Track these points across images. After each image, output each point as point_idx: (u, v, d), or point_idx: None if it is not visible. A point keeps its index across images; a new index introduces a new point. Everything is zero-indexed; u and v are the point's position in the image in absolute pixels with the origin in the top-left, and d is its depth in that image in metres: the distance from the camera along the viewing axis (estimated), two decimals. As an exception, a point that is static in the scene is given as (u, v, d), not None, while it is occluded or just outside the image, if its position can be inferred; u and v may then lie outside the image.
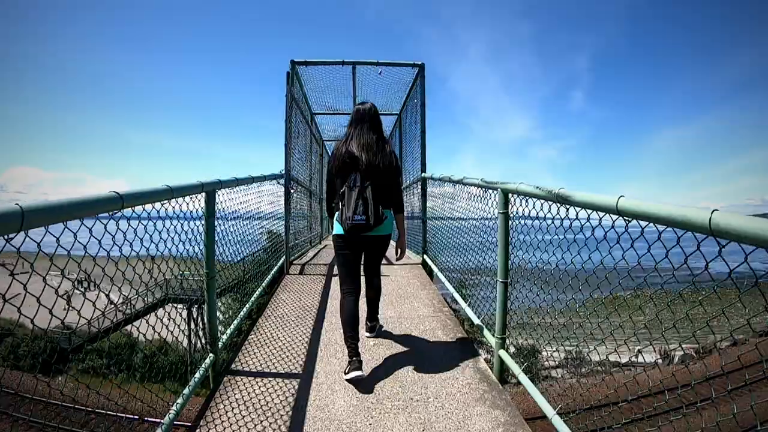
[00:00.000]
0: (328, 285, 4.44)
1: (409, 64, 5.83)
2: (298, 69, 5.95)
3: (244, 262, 3.65)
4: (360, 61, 5.85)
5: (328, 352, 2.85)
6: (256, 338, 3.06)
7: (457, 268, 4.11)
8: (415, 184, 6.44)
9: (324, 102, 7.99)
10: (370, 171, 2.63)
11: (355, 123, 2.77)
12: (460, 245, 4.01)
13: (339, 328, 3.22)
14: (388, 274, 4.94)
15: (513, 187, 2.38)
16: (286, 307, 3.75)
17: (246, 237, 3.63)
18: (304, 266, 5.40)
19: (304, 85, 6.72)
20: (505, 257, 2.56)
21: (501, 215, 2.56)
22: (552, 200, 1.96)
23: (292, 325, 3.33)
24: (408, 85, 6.60)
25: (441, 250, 4.86)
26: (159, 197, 1.87)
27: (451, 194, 4.19)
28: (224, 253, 3.04)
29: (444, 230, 4.70)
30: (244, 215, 3.55)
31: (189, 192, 2.23)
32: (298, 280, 4.63)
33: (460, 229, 3.97)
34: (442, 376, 2.55)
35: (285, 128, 4.88)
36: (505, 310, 2.60)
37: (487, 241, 3.20)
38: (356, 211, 2.55)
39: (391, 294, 4.15)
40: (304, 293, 4.15)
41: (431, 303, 3.90)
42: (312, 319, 3.46)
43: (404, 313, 3.63)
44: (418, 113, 5.84)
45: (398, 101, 7.67)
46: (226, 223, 3.11)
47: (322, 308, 3.71)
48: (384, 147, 2.73)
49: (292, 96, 5.26)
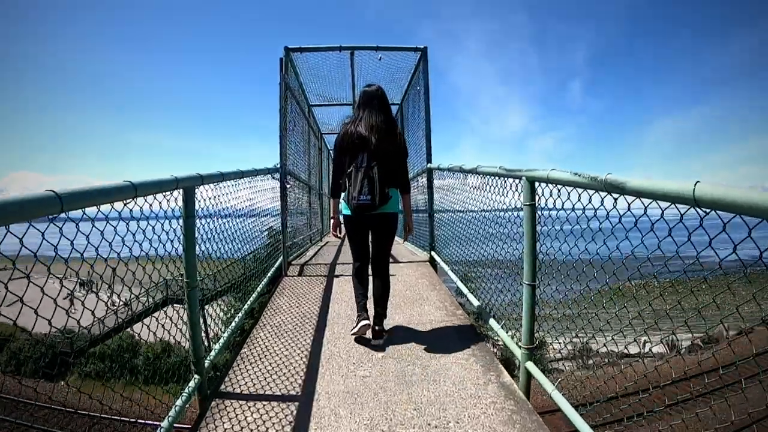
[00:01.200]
0: (329, 287, 4.10)
1: (411, 49, 5.46)
2: (292, 56, 5.58)
3: (231, 270, 3.33)
4: (358, 46, 5.47)
5: (331, 368, 2.51)
6: (249, 352, 2.73)
7: (469, 261, 3.78)
8: (419, 176, 6.08)
9: (322, 93, 7.63)
10: (379, 152, 2.69)
11: (363, 105, 2.82)
12: (469, 236, 3.67)
13: (342, 337, 2.91)
14: (394, 273, 4.57)
15: (542, 174, 2.02)
16: (284, 314, 3.41)
17: (238, 239, 3.30)
18: (303, 267, 5.05)
19: (300, 74, 6.35)
20: (532, 256, 2.21)
21: (526, 208, 2.21)
22: (597, 189, 1.61)
23: (289, 335, 2.99)
24: (410, 72, 6.23)
25: (450, 243, 4.50)
26: (115, 197, 1.52)
27: (462, 184, 3.82)
28: (211, 257, 2.72)
29: (454, 223, 4.35)
30: (233, 214, 3.20)
31: (159, 189, 1.88)
32: (297, 283, 4.29)
33: (472, 221, 3.62)
34: (462, 395, 2.21)
35: (279, 119, 4.52)
36: (532, 317, 2.26)
37: (499, 232, 2.87)
38: (362, 191, 2.63)
39: (398, 296, 3.81)
40: (304, 297, 3.82)
41: (443, 306, 3.55)
42: (312, 327, 3.13)
43: (414, 318, 3.28)
44: (422, 101, 5.47)
45: (399, 90, 7.29)
46: (212, 222, 2.78)
47: (323, 315, 3.38)
48: (393, 128, 2.81)
49: (286, 84, 4.90)
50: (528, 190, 2.20)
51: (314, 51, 5.46)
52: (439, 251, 5.01)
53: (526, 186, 2.21)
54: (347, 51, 5.52)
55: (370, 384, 2.32)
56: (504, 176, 2.58)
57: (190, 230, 2.22)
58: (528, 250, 2.21)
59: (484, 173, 2.95)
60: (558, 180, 1.87)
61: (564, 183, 1.84)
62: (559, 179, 1.86)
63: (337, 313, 3.37)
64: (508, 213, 2.80)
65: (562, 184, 1.87)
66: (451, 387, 2.28)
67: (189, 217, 2.21)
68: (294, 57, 5.65)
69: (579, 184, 1.70)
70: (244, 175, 3.10)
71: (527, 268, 2.23)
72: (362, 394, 2.22)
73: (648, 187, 1.35)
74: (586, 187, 1.66)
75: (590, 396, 2.30)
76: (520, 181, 2.33)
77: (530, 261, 2.21)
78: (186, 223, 2.20)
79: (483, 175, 3.03)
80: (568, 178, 1.76)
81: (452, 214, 4.37)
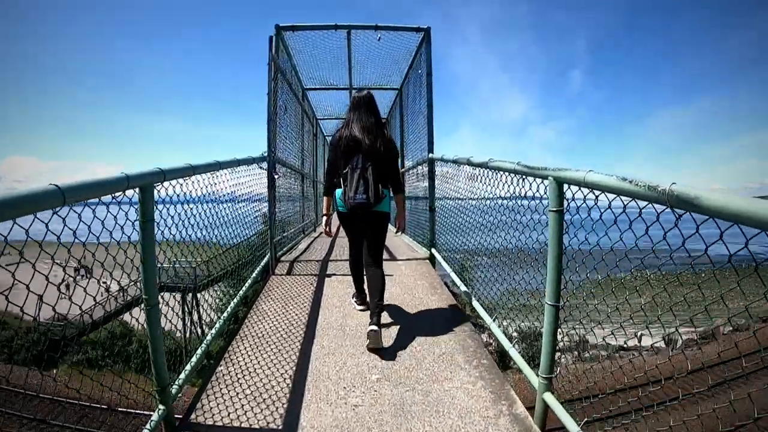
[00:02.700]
0: (320, 289, 3.75)
1: (412, 29, 5.02)
2: (284, 36, 5.14)
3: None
4: (355, 24, 5.02)
5: (318, 393, 2.17)
6: (226, 371, 2.39)
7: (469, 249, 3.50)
8: (419, 166, 5.69)
9: (317, 76, 7.18)
10: (371, 153, 2.82)
11: (354, 109, 2.95)
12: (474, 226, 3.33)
13: (332, 353, 2.59)
14: (391, 273, 4.24)
15: (575, 176, 1.66)
16: (268, 321, 3.07)
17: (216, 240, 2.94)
18: (293, 264, 4.68)
19: (293, 56, 5.91)
20: (556, 272, 1.86)
21: (552, 215, 1.85)
22: (656, 201, 1.25)
23: (273, 348, 2.65)
24: (411, 54, 5.79)
25: (450, 233, 4.14)
26: (40, 204, 1.16)
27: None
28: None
29: (457, 211, 3.99)
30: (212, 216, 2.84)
31: (101, 191, 1.52)
32: (286, 283, 3.93)
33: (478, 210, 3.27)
34: (469, 430, 1.89)
35: (267, 102, 4.11)
36: (554, 343, 1.92)
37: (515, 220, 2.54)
38: (357, 191, 2.76)
39: (395, 300, 3.47)
40: (292, 301, 3.47)
41: (445, 313, 3.21)
42: (299, 339, 2.79)
43: (413, 329, 2.94)
44: (423, 85, 5.06)
45: (399, 74, 6.86)
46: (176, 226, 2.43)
47: (312, 323, 3.04)
48: (383, 131, 2.95)
49: (276, 65, 4.48)
50: (555, 194, 1.84)
51: (308, 30, 5.01)
52: (439, 248, 4.66)
53: (552, 188, 1.84)
54: (344, 30, 5.06)
55: (362, 415, 1.99)
56: (524, 174, 2.20)
57: (148, 237, 1.86)
58: (552, 264, 1.86)
59: (498, 169, 2.56)
60: (599, 185, 1.51)
61: (607, 189, 1.47)
62: (600, 184, 1.49)
63: (327, 323, 3.03)
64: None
65: (604, 190, 1.50)
66: (456, 420, 1.95)
67: (147, 221, 1.85)
68: (286, 37, 5.21)
69: (630, 193, 1.34)
70: (222, 166, 2.71)
71: (550, 287, 1.88)
72: (353, 430, 1.89)
73: (734, 208, 1.00)
74: (641, 197, 1.31)
75: (587, 391, 2.03)
76: (543, 182, 1.98)
77: (554, 277, 1.87)
78: (143, 229, 1.84)
79: (496, 171, 2.64)
80: (614, 185, 1.40)
81: (455, 202, 4.01)
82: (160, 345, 1.97)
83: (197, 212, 2.62)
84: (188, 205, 2.50)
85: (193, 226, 2.53)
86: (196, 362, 2.37)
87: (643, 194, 1.28)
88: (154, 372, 1.95)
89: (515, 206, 2.55)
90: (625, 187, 1.34)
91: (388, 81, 7.33)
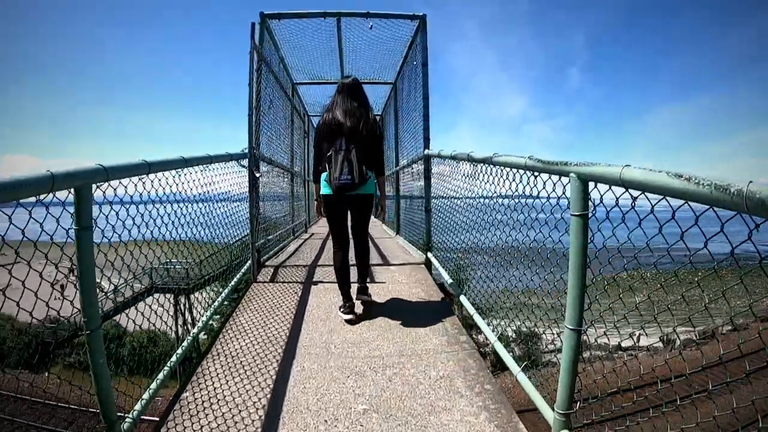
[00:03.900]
0: (305, 299, 3.41)
1: (407, 16, 4.69)
2: (270, 24, 4.80)
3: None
4: (346, 12, 4.68)
5: (295, 427, 1.84)
6: (192, 398, 2.06)
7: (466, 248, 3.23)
8: (414, 164, 5.36)
9: (307, 70, 6.85)
10: (354, 135, 2.87)
11: (338, 92, 3.02)
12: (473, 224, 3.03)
13: (313, 377, 2.27)
14: (383, 280, 3.91)
15: (609, 172, 1.33)
16: (245, 337, 2.74)
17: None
18: (278, 269, 4.33)
19: (280, 47, 5.57)
20: (579, 289, 1.54)
21: (575, 220, 1.53)
22: (731, 207, 0.94)
23: (247, 370, 2.32)
24: (405, 45, 5.46)
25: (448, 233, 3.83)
26: None
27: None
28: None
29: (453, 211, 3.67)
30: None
31: (17, 193, 1.20)
32: (268, 291, 3.59)
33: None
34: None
35: (249, 94, 3.77)
36: (574, 373, 1.60)
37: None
38: (342, 172, 2.79)
39: (387, 313, 3.13)
40: (273, 313, 3.14)
41: (443, 328, 2.89)
42: (278, 358, 2.47)
43: (406, 347, 2.62)
44: (419, 78, 4.73)
45: (393, 67, 6.54)
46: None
47: (294, 338, 2.71)
48: (366, 113, 2.97)
49: (260, 55, 4.15)
50: (579, 194, 1.51)
51: (294, 17, 4.66)
52: (436, 251, 4.33)
53: (576, 187, 1.52)
54: (333, 17, 4.72)
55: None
56: (538, 171, 1.87)
57: (86, 247, 1.53)
58: (575, 280, 1.54)
59: (505, 165, 2.22)
60: (643, 183, 1.17)
61: (654, 189, 1.14)
62: (645, 182, 1.16)
63: (310, 339, 2.71)
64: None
65: (649, 190, 1.17)
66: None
67: (84, 228, 1.52)
68: (272, 26, 4.88)
69: (689, 195, 1.02)
70: (189, 163, 2.37)
71: (572, 307, 1.56)
72: (333, 480, 1.57)
73: None
74: (705, 200, 0.99)
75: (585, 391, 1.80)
76: (560, 180, 1.67)
77: (576, 295, 1.55)
78: (79, 238, 1.51)
79: (502, 167, 2.29)
80: (664, 183, 1.08)
81: (451, 201, 3.71)
82: (106, 373, 1.65)
83: (160, 214, 2.30)
84: (150, 206, 2.18)
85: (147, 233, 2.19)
86: (155, 390, 2.04)
87: (707, 196, 0.96)
88: (100, 406, 1.62)
89: (522, 205, 2.24)
90: (680, 186, 1.02)
91: (382, 75, 7.01)
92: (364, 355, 2.52)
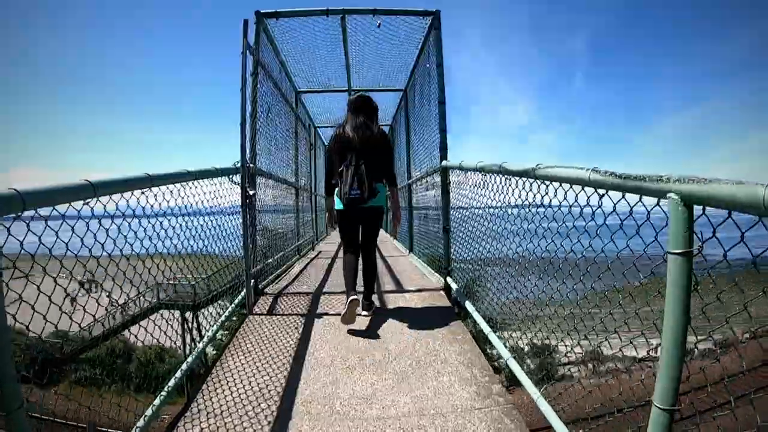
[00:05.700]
0: (307, 337, 2.89)
1: (418, 13, 4.22)
2: (268, 24, 4.38)
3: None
4: (351, 9, 4.23)
5: None
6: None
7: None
8: (427, 176, 4.86)
9: (312, 77, 6.43)
10: (363, 150, 2.97)
11: (349, 111, 3.13)
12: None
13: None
14: (397, 310, 3.40)
15: (745, 193, 0.85)
16: (233, 390, 2.23)
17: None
18: (278, 297, 3.83)
19: (280, 51, 5.14)
20: (677, 358, 1.04)
21: (675, 260, 1.02)
22: None
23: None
24: (417, 46, 5.00)
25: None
26: None
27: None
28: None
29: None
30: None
31: None
32: (265, 327, 3.08)
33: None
34: None
35: (241, 101, 3.31)
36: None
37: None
38: (352, 187, 2.89)
39: (401, 355, 2.61)
40: (268, 355, 2.64)
41: (471, 375, 2.37)
42: (269, 420, 1.96)
43: (426, 402, 2.10)
44: (433, 82, 4.25)
45: (404, 71, 6.09)
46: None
47: (291, 392, 2.20)
48: (373, 128, 3.07)
49: (257, 59, 3.73)
50: (682, 224, 1.01)
51: (294, 16, 4.22)
52: (456, 277, 3.80)
53: (677, 213, 1.02)
54: (336, 15, 4.27)
55: None
56: (609, 188, 1.35)
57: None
58: (669, 344, 1.03)
59: (555, 179, 1.70)
60: None
61: None
62: None
63: (311, 394, 2.19)
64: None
65: None
66: None
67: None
68: (271, 26, 4.45)
69: None
70: (155, 182, 1.90)
71: (665, 378, 1.05)
72: None
73: None
74: None
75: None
76: (664, 202, 1.17)
77: (672, 365, 1.04)
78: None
79: (552, 182, 1.77)
80: None
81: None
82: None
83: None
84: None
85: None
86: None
87: None
88: None
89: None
90: None
91: (391, 81, 6.57)
92: (375, 415, 2.01)
